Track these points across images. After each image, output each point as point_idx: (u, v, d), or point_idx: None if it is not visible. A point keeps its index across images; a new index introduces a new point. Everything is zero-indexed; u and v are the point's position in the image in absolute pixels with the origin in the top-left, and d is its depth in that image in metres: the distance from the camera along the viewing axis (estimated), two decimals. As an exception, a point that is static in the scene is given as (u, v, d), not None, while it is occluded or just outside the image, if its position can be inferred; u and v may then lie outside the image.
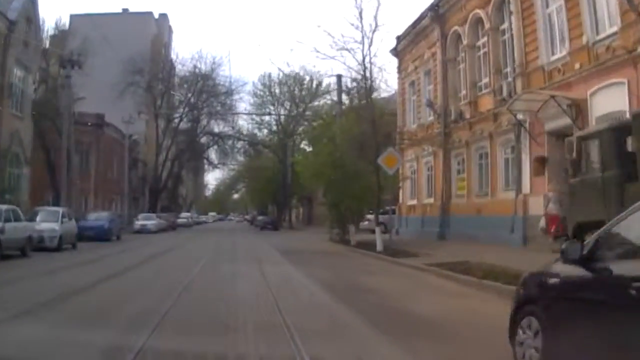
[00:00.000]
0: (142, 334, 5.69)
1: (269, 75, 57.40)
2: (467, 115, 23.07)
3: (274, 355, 5.35)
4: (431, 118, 26.21)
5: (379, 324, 6.79)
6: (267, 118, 58.25)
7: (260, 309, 7.95)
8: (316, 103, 55.76)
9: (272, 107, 57.96)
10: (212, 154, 64.07)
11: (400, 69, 30.32)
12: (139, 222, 39.62)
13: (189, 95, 56.21)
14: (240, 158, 67.35)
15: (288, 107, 58.12)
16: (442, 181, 24.36)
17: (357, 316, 7.34)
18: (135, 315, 7.10)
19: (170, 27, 77.57)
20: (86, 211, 33.36)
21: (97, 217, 28.00)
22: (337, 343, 5.81)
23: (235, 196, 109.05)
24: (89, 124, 44.66)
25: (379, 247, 18.93)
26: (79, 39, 36.84)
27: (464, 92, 23.85)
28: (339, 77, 26.63)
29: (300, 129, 55.78)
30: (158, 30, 70.05)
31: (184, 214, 64.93)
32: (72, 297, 8.75)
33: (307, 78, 54.94)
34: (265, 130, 60.39)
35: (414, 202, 27.89)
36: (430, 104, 24.63)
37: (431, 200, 25.86)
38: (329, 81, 46.75)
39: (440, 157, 24.33)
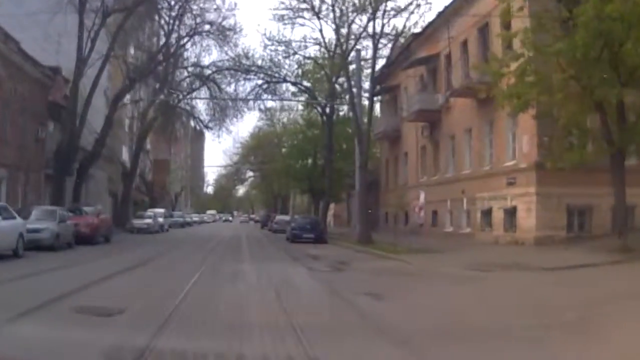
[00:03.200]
0: None
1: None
2: None
3: None
4: None
5: None
6: (299, 34, 30.10)
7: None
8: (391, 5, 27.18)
9: (308, 19, 29.01)
10: (201, 110, 36.94)
11: None
12: None
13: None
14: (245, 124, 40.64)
15: (336, 19, 28.77)
16: None
17: None
18: None
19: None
20: None
21: None
22: None
23: (240, 192, 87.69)
24: None
25: None
26: None
27: None
28: None
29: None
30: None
31: (150, 212, 37.19)
32: None
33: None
34: (295, 60, 31.11)
35: None
36: None
37: None
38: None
39: None
